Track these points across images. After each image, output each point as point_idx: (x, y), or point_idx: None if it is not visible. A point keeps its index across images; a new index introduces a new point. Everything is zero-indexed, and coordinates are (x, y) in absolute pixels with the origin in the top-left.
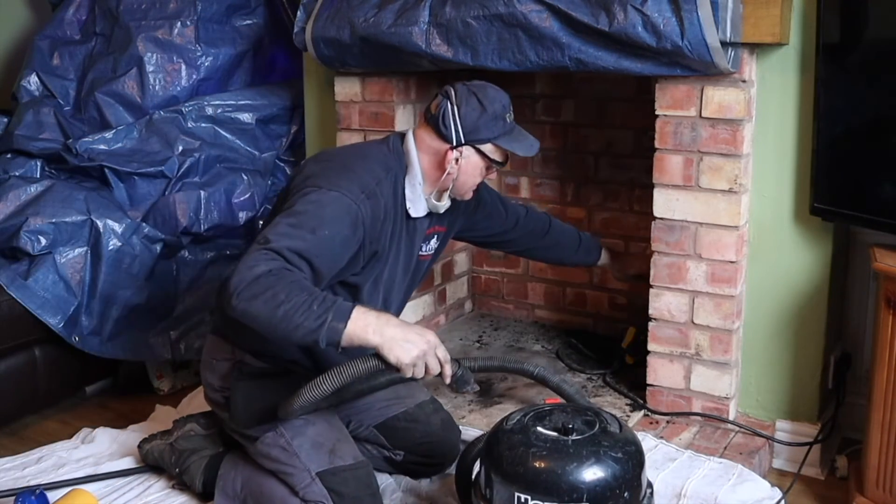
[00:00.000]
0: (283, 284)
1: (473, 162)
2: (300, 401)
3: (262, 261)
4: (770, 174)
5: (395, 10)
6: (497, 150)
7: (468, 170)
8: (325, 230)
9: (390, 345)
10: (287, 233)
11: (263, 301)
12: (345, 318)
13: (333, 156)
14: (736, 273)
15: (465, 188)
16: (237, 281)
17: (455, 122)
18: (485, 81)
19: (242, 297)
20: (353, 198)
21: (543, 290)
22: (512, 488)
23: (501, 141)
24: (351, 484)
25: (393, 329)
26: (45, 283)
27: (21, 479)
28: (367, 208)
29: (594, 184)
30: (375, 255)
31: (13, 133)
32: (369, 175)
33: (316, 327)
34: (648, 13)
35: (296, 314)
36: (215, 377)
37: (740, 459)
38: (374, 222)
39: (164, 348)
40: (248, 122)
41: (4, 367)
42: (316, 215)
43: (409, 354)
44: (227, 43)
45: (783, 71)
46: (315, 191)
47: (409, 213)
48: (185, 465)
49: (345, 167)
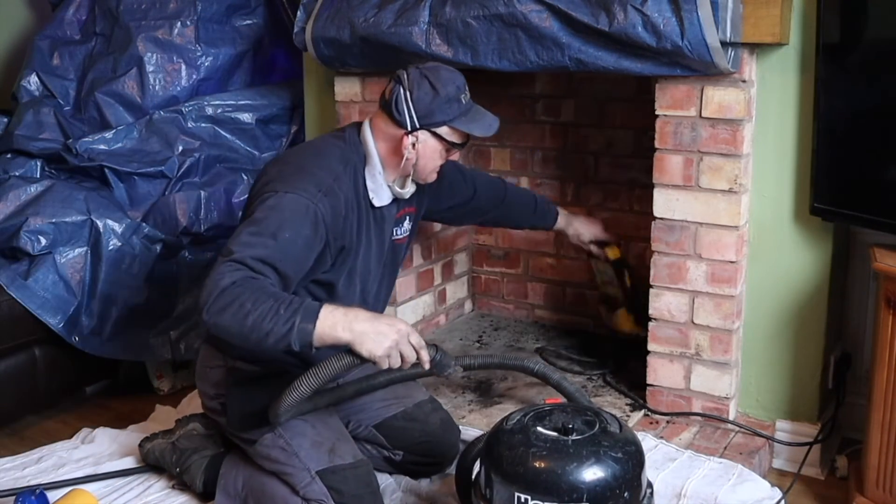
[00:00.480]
0: (249, 293)
1: (431, 146)
2: (285, 404)
3: (227, 273)
4: (770, 174)
5: (395, 10)
6: (454, 132)
7: (426, 154)
8: (286, 233)
9: (361, 339)
10: (248, 241)
11: (231, 313)
12: (313, 318)
13: (290, 157)
14: (736, 273)
15: (426, 172)
16: (205, 296)
17: (408, 107)
18: (439, 63)
19: (212, 312)
20: (310, 197)
21: (543, 290)
22: (512, 488)
23: (457, 123)
24: (351, 482)
25: (362, 323)
26: (45, 283)
27: (21, 479)
28: (325, 206)
29: (594, 184)
30: (343, 250)
31: (13, 133)
32: (325, 172)
33: (286, 332)
34: (648, 13)
35: (264, 321)
36: (209, 385)
37: (740, 459)
38: (335, 219)
39: (164, 348)
40: (248, 122)
41: (4, 367)
42: (275, 220)
43: (381, 346)
44: (227, 43)
45: (783, 71)
46: (272, 195)
47: (372, 203)
48: (187, 465)
49: (300, 168)
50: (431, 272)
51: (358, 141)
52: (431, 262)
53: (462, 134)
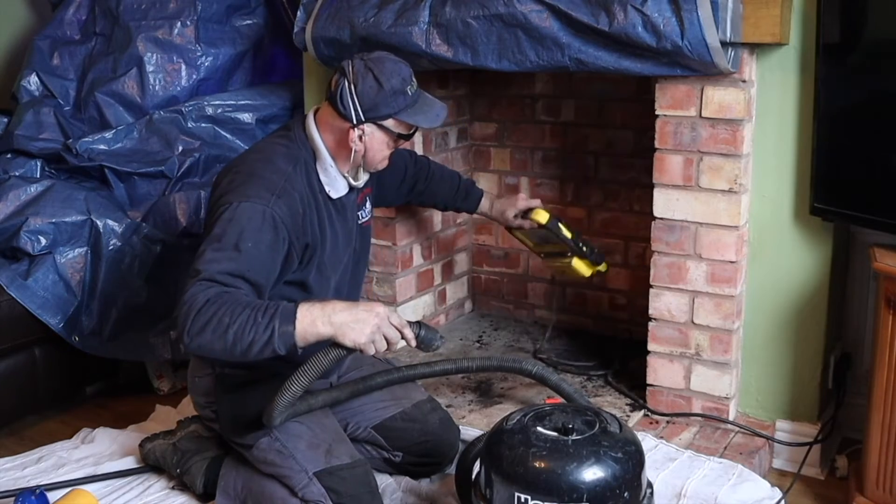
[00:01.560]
0: (225, 308)
1: (377, 138)
2: (278, 406)
3: (200, 292)
4: (770, 174)
5: (395, 10)
6: (400, 124)
7: (374, 146)
8: (248, 242)
9: (343, 330)
10: (213, 258)
11: (212, 330)
12: (291, 319)
13: (239, 165)
14: (736, 273)
15: (375, 162)
16: (182, 320)
17: (353, 100)
18: (385, 53)
19: (192, 334)
20: (265, 203)
21: (543, 290)
22: (512, 488)
23: (403, 115)
24: (349, 482)
25: (340, 314)
26: (45, 283)
27: (21, 479)
28: (281, 208)
29: (594, 184)
30: (308, 247)
31: (13, 133)
32: (275, 175)
33: (268, 338)
34: (648, 13)
35: (245, 332)
36: (200, 395)
37: (740, 459)
38: (293, 218)
39: (164, 348)
40: (248, 122)
41: (4, 367)
42: (234, 232)
43: (364, 333)
44: (227, 43)
45: (783, 71)
46: (227, 208)
47: (330, 195)
48: (187, 466)
49: (250, 175)
50: (431, 272)
51: (304, 137)
52: (431, 262)
53: (408, 125)
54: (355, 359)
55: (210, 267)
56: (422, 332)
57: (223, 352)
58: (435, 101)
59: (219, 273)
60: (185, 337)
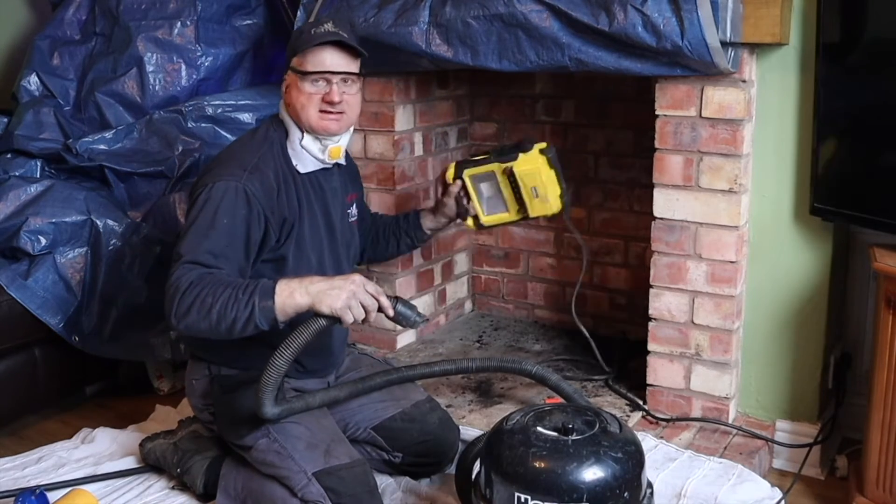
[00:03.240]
0: (208, 289)
1: (292, 82)
2: (264, 387)
3: (183, 276)
4: (770, 174)
5: (394, 10)
6: (304, 61)
7: (294, 94)
8: (224, 219)
9: (320, 297)
10: (192, 240)
11: (196, 311)
12: (270, 293)
13: (219, 154)
14: (736, 273)
15: (309, 117)
16: (168, 304)
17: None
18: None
19: (179, 316)
20: (237, 179)
21: (543, 290)
22: (512, 488)
23: (299, 47)
24: (348, 482)
25: (317, 284)
26: (45, 283)
27: (21, 479)
28: (254, 182)
29: (594, 184)
30: (286, 221)
31: (13, 133)
32: (248, 153)
33: (249, 314)
34: (648, 13)
35: (227, 310)
36: (197, 397)
37: (740, 459)
38: (267, 192)
39: (164, 348)
40: (248, 122)
41: (4, 367)
42: (210, 211)
43: (340, 299)
44: (227, 43)
45: (783, 71)
46: (202, 191)
47: (298, 170)
48: (188, 466)
49: (226, 158)
50: (431, 272)
51: (278, 119)
52: (431, 262)
53: (312, 61)
54: (354, 359)
55: (191, 249)
56: (399, 305)
57: (209, 331)
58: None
59: (200, 254)
60: (173, 319)
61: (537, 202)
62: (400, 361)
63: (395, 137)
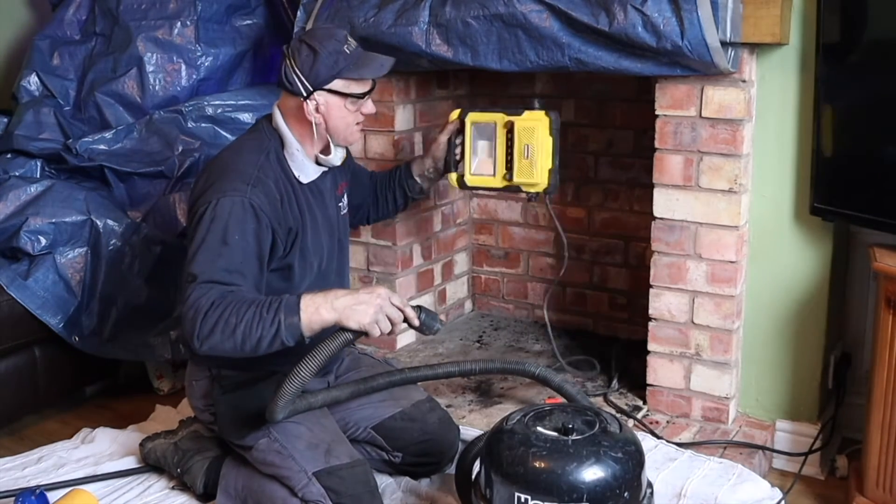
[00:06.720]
0: (230, 309)
1: (333, 104)
2: (283, 395)
3: (202, 296)
4: (770, 174)
5: (394, 10)
6: (349, 83)
7: (333, 113)
8: (235, 235)
9: (347, 314)
10: (205, 259)
11: (220, 332)
12: (295, 310)
13: (213, 164)
14: (736, 273)
15: (342, 131)
16: (189, 326)
17: (295, 74)
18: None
19: (201, 338)
20: (241, 193)
21: (543, 290)
22: (512, 488)
23: (346, 73)
24: (348, 482)
25: (343, 299)
26: (45, 283)
27: (21, 479)
28: (258, 196)
29: (594, 184)
30: (291, 231)
31: (13, 133)
32: (247, 166)
33: (275, 332)
34: (648, 13)
35: (252, 330)
36: (198, 398)
37: (740, 459)
38: (272, 204)
39: (164, 348)
40: (248, 122)
41: (4, 367)
42: (219, 229)
43: (367, 314)
44: (227, 43)
45: (783, 71)
46: (207, 208)
47: (300, 181)
48: (188, 466)
49: (223, 171)
50: (431, 272)
51: (271, 128)
52: (431, 263)
53: (359, 82)
54: (354, 359)
55: (205, 268)
56: (423, 315)
57: (234, 350)
58: (378, 55)
59: (216, 272)
60: (195, 341)
61: (525, 164)
62: (400, 361)
63: (395, 137)
